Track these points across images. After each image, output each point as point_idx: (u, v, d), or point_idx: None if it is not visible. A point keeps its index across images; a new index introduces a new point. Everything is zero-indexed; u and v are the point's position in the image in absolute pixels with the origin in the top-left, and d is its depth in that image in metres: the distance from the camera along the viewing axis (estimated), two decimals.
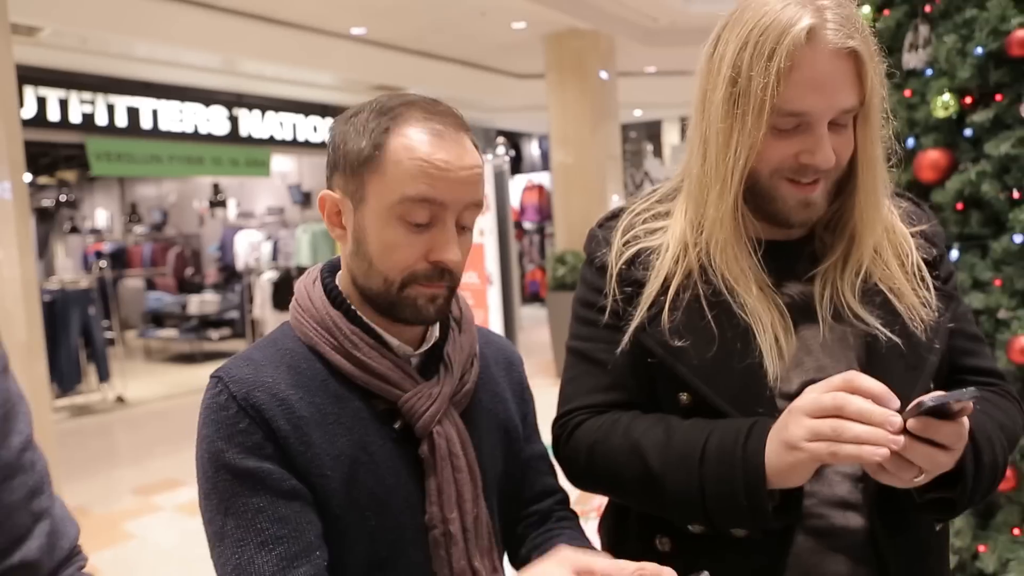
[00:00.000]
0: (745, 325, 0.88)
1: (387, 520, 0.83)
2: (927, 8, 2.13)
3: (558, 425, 1.00)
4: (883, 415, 0.72)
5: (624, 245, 0.97)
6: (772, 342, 0.87)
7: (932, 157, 2.06)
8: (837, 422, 0.73)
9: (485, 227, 4.04)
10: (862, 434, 0.71)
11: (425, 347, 0.89)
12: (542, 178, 11.62)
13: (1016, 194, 1.91)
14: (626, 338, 0.93)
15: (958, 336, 0.97)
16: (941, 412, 0.72)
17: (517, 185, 11.70)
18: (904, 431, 0.72)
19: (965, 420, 0.75)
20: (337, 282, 0.89)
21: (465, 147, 0.82)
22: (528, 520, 1.00)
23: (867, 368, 0.87)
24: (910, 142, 2.15)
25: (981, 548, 1.89)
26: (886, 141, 0.93)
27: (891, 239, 0.94)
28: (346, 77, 8.22)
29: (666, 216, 0.97)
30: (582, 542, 0.93)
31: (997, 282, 1.91)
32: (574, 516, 1.02)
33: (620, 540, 1.04)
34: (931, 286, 0.94)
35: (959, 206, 2.02)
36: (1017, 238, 1.87)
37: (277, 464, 0.78)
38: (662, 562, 0.95)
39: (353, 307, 0.86)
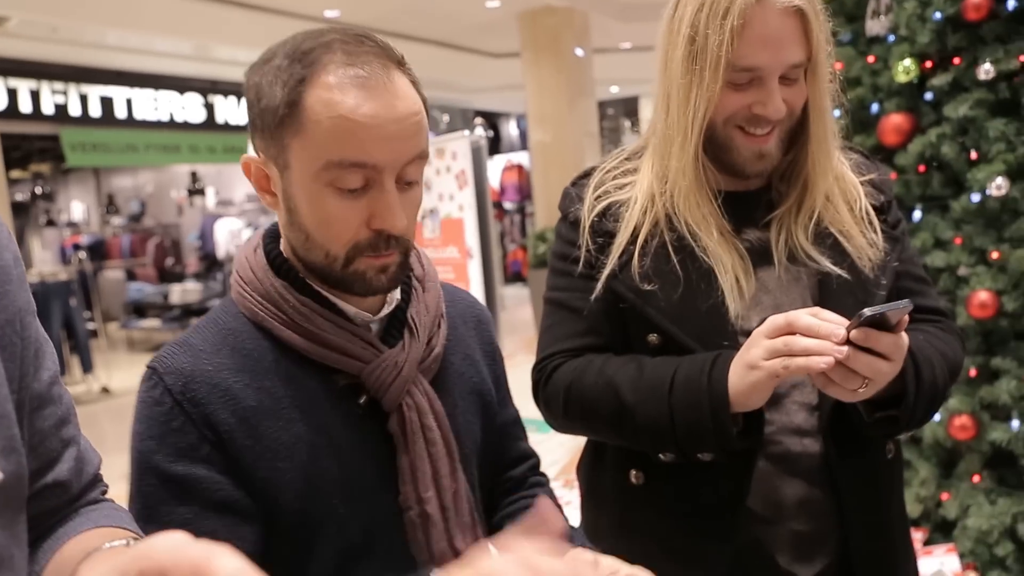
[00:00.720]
0: (708, 268, 0.95)
1: (357, 506, 0.76)
2: None
3: (537, 370, 1.06)
4: (828, 328, 0.79)
5: (595, 200, 1.03)
6: (733, 283, 0.94)
7: (895, 121, 2.12)
8: (788, 337, 0.81)
9: (464, 202, 4.08)
10: (810, 346, 0.79)
11: (385, 311, 0.82)
12: (521, 158, 11.63)
13: (974, 154, 1.98)
14: (599, 285, 1.00)
15: (905, 277, 1.04)
16: (880, 324, 0.79)
17: (496, 165, 11.70)
18: (848, 343, 0.79)
19: (904, 334, 0.82)
20: (282, 248, 0.80)
21: (396, 93, 0.71)
22: (502, 487, 0.97)
23: (820, 303, 0.94)
24: (874, 107, 2.21)
25: (944, 496, 1.98)
26: (834, 95, 1.00)
27: (841, 186, 1.01)
28: None
29: (634, 172, 1.04)
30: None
31: (957, 240, 1.98)
32: (546, 481, 1.02)
33: (596, 479, 1.11)
34: (878, 229, 1.01)
35: (921, 168, 2.08)
36: (975, 197, 1.93)
37: (213, 468, 0.72)
38: (636, 495, 1.02)
39: (300, 275, 0.78)
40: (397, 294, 0.84)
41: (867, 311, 0.77)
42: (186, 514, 0.71)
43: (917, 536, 2.00)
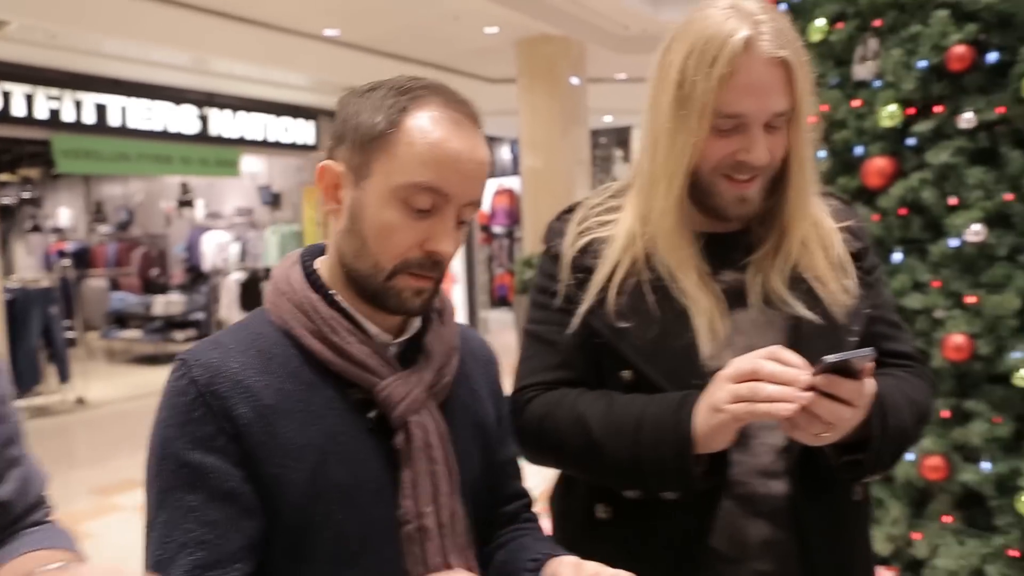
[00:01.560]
0: (683, 308, 0.97)
1: (356, 513, 0.80)
2: (876, 23, 2.23)
3: (512, 401, 1.07)
4: (792, 374, 0.81)
5: (578, 235, 1.05)
6: (707, 324, 0.96)
7: (878, 164, 2.16)
8: (753, 383, 0.82)
9: None
10: (774, 392, 0.80)
11: (405, 336, 0.88)
12: (513, 182, 11.69)
13: (954, 200, 2.02)
14: (576, 320, 1.01)
15: (879, 322, 1.06)
16: (844, 370, 0.81)
17: (488, 189, 11.75)
18: (813, 389, 0.80)
19: (868, 380, 0.84)
20: (318, 266, 0.87)
21: (479, 141, 0.82)
22: (496, 521, 0.99)
23: (793, 347, 0.94)
24: (859, 150, 2.25)
25: (915, 536, 1.99)
26: (816, 143, 1.02)
27: (818, 232, 1.03)
28: (318, 78, 8.22)
29: (617, 210, 1.05)
30: (546, 541, 0.96)
31: (935, 283, 2.01)
32: (536, 519, 1.04)
33: (566, 510, 1.11)
34: (853, 276, 1.03)
35: (902, 211, 2.12)
36: (953, 242, 1.97)
37: (225, 459, 0.76)
38: (603, 529, 1.02)
39: (332, 292, 0.84)
40: (417, 322, 0.89)
41: (829, 358, 0.78)
42: (192, 501, 0.75)
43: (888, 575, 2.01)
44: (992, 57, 2.00)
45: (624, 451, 0.93)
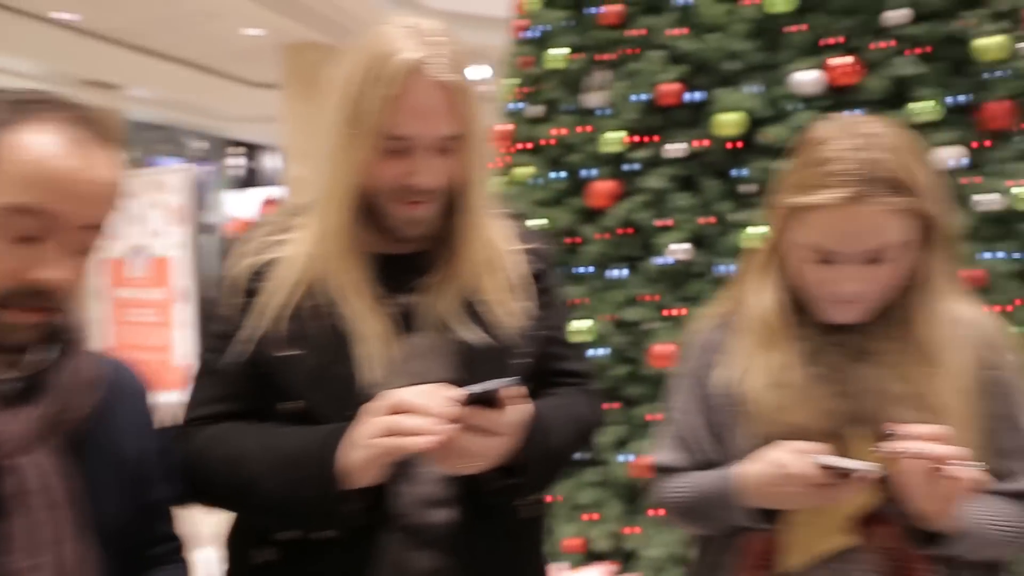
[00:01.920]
0: (350, 334, 0.93)
1: None
2: (605, 56, 2.42)
3: (173, 438, 0.98)
4: (432, 406, 0.80)
5: (248, 257, 0.98)
6: (373, 350, 0.93)
7: (603, 187, 2.34)
8: (395, 417, 0.81)
9: (178, 241, 3.84)
10: (416, 426, 0.79)
11: (20, 371, 0.79)
12: (280, 192, 11.26)
13: (666, 221, 2.24)
14: (239, 348, 0.94)
15: (553, 343, 1.08)
16: (487, 401, 0.81)
17: (256, 198, 11.23)
18: (458, 421, 0.80)
19: (515, 408, 0.85)
20: None
21: (101, 161, 0.75)
22: (140, 565, 0.92)
23: (464, 371, 0.95)
24: (588, 173, 2.42)
25: (631, 530, 2.16)
26: (486, 167, 1.03)
27: (492, 254, 1.02)
28: (50, 67, 7.30)
29: (294, 230, 0.99)
30: None
31: (647, 297, 2.21)
32: (185, 562, 0.97)
33: (234, 553, 1.04)
34: (530, 297, 1.04)
35: (623, 231, 2.31)
36: (662, 260, 2.19)
37: None
38: (268, 572, 0.95)
39: None
40: (40, 354, 0.81)
41: (469, 389, 0.79)
42: None
43: (611, 569, 2.16)
44: (694, 96, 2.26)
45: (275, 490, 0.88)
